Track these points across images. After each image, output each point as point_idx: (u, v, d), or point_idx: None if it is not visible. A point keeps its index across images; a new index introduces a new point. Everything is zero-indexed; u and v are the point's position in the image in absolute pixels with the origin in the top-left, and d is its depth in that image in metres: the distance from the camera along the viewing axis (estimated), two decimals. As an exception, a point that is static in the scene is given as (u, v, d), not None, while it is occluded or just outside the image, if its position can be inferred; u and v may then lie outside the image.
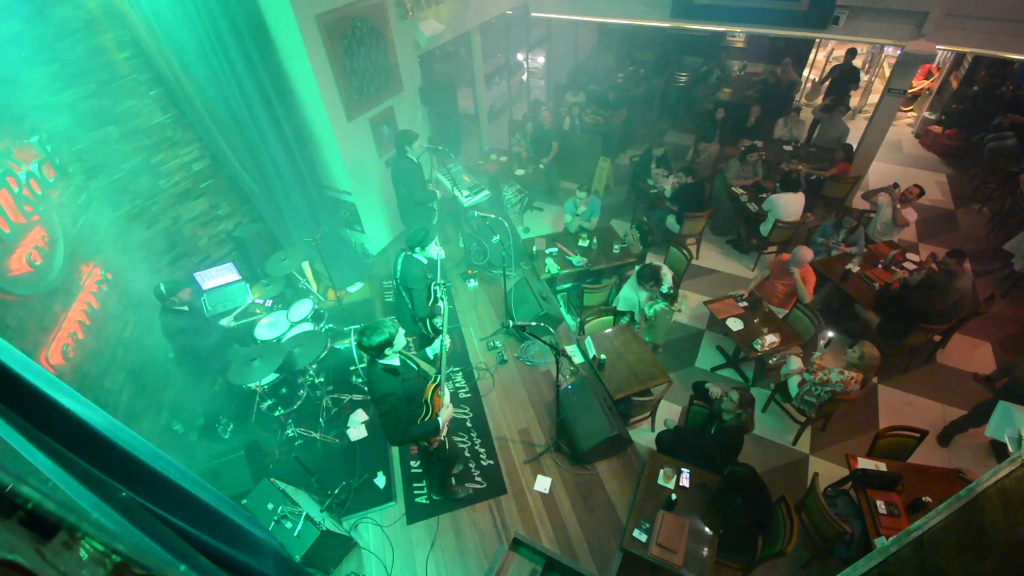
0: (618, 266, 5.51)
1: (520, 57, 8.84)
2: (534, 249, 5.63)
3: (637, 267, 4.92)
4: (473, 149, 8.01)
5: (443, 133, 6.48)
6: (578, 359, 4.67)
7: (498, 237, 4.74)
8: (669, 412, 4.64)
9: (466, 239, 5.92)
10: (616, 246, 5.63)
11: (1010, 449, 2.91)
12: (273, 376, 3.88)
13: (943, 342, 5.00)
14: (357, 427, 4.18)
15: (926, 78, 9.41)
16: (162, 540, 1.42)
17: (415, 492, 3.84)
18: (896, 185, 5.61)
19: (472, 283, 5.72)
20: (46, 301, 3.17)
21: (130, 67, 3.97)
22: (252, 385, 3.65)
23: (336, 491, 3.73)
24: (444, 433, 3.11)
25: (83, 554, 0.83)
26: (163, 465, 1.64)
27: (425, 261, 3.85)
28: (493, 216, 4.70)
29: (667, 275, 4.94)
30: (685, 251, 5.47)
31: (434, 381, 2.99)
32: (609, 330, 4.67)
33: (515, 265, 5.52)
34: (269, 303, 4.48)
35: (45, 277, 3.16)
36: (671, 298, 4.82)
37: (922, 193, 5.49)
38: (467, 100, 7.65)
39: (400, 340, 2.78)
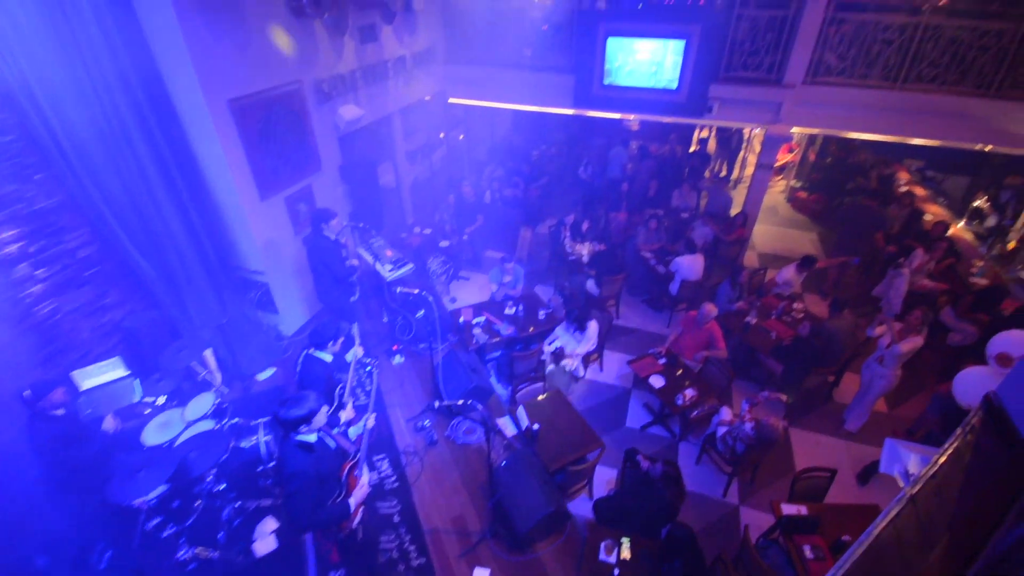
0: (545, 332, 5.61)
1: (440, 136, 9.27)
2: (461, 320, 5.61)
3: (566, 312, 5.08)
4: (396, 222, 8.05)
5: (364, 209, 6.48)
6: (511, 431, 4.57)
7: (423, 311, 4.69)
8: (605, 477, 4.60)
9: (390, 314, 5.78)
10: (541, 312, 5.76)
11: (899, 484, 3.14)
12: (162, 488, 3.37)
13: (836, 381, 5.52)
14: (265, 539, 3.66)
15: (789, 152, 11.09)
16: None
17: (337, 606, 3.39)
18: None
19: (398, 359, 5.53)
20: None
21: (14, 151, 3.63)
22: (136, 502, 3.13)
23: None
24: (357, 519, 2.86)
25: None
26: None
27: (330, 360, 3.61)
28: (417, 291, 4.65)
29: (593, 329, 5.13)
30: (607, 312, 5.71)
31: (352, 459, 2.80)
32: (541, 397, 4.66)
33: (442, 337, 5.44)
34: (161, 401, 3.98)
35: None
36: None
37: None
38: (389, 175, 7.78)
39: (321, 418, 2.61)
